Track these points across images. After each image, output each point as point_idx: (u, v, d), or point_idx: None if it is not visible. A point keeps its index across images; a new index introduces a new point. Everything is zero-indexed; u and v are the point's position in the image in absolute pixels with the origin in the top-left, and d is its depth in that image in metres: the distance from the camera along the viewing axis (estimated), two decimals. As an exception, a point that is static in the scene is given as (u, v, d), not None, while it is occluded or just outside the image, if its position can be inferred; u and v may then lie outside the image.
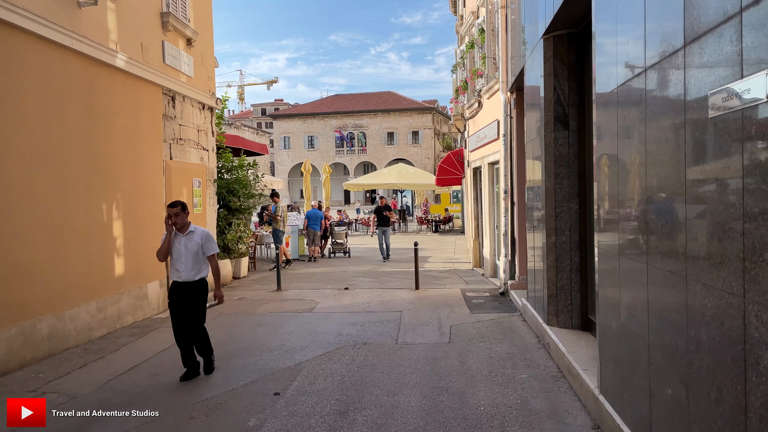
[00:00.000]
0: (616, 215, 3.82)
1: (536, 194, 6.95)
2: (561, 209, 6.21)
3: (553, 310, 6.27)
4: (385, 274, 13.04)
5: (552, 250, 6.25)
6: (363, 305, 9.27)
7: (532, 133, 7.19)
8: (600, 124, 4.16)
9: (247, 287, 11.56)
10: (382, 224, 15.70)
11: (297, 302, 9.69)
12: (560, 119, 6.18)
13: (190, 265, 5.67)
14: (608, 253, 4.00)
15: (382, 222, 15.73)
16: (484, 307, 8.90)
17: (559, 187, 6.21)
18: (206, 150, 11.21)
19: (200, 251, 5.72)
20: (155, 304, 8.92)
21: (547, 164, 6.26)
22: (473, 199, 13.89)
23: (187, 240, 5.68)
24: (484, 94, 11.49)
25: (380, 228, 15.76)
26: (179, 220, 5.61)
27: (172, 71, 9.68)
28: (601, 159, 4.15)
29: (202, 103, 11.02)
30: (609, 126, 3.91)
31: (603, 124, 4.10)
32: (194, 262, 5.69)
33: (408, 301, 9.49)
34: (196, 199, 10.56)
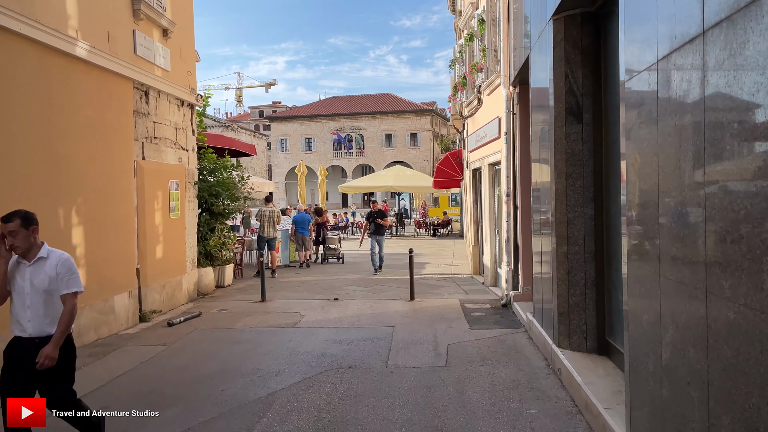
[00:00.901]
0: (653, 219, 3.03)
1: (544, 197, 6.16)
2: (573, 214, 5.42)
3: (564, 330, 5.47)
4: (379, 283, 12.24)
5: (563, 261, 5.46)
6: (352, 319, 8.47)
7: (538, 128, 6.41)
8: (633, 109, 3.37)
9: (230, 297, 10.76)
10: (376, 232, 13.84)
11: (281, 315, 8.88)
12: (573, 111, 5.39)
13: (41, 311, 3.61)
14: (643, 267, 3.20)
15: (375, 230, 13.88)
16: (485, 321, 8.10)
17: (571, 189, 5.42)
18: (185, 150, 10.42)
19: (55, 288, 3.66)
20: (123, 318, 8.11)
21: (557, 163, 5.48)
22: (472, 202, 13.11)
23: (35, 271, 3.64)
24: (484, 90, 10.71)
25: (373, 237, 13.83)
26: (20, 242, 3.59)
27: (145, 64, 8.89)
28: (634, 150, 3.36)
29: (180, 100, 10.23)
30: (645, 111, 3.12)
31: (636, 109, 3.30)
32: (46, 306, 3.63)
33: (402, 314, 8.69)
34: (173, 203, 9.76)
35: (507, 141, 8.99)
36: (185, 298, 10.16)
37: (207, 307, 9.76)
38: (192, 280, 10.56)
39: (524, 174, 8.60)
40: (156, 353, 6.81)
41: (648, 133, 3.07)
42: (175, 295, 9.75)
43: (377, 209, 14.03)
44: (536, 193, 6.73)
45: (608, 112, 5.19)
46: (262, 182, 17.37)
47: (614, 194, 5.06)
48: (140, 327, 8.27)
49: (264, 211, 14.01)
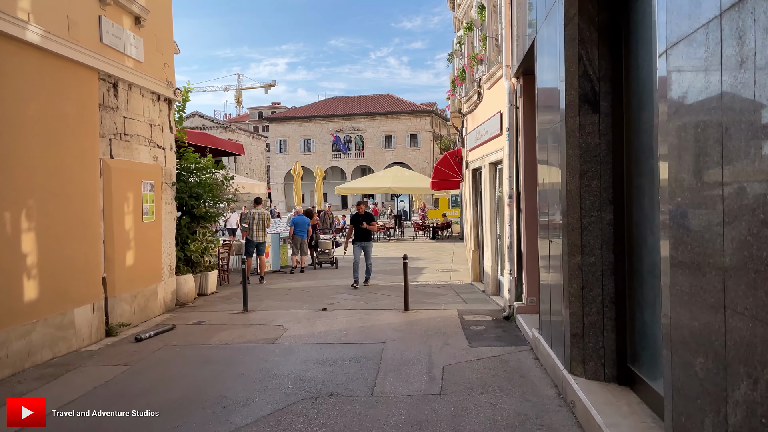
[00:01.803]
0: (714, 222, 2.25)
1: (552, 200, 5.38)
2: (589, 220, 4.63)
3: (578, 355, 4.68)
4: (372, 290, 11.46)
5: (576, 274, 4.67)
6: (339, 333, 7.68)
7: (546, 120, 5.63)
8: (679, 85, 2.58)
9: (211, 307, 9.97)
10: (361, 238, 11.89)
11: (262, 329, 8.10)
12: (588, 99, 4.61)
13: None
14: (695, 285, 2.42)
15: (360, 235, 11.92)
16: (486, 336, 7.31)
17: (586, 190, 4.63)
18: (161, 148, 9.64)
19: None
20: (85, 333, 7.33)
21: (569, 160, 4.69)
22: (472, 204, 12.33)
23: None
24: (485, 84, 9.94)
25: (358, 244, 11.87)
26: None
27: (113, 53, 8.12)
28: (683, 136, 2.58)
29: (156, 94, 9.46)
30: (700, 84, 2.33)
31: (684, 83, 2.52)
32: None
33: (394, 328, 7.90)
34: (146, 205, 8.98)
35: (509, 137, 8.21)
36: (161, 308, 9.37)
37: (184, 318, 8.98)
38: (169, 288, 9.78)
39: (529, 173, 7.83)
40: (113, 375, 6.02)
41: (705, 111, 2.28)
42: (148, 305, 8.97)
43: (364, 211, 12.14)
44: (543, 195, 5.94)
45: (630, 98, 4.41)
46: (252, 183, 16.60)
47: (638, 196, 4.28)
48: (105, 343, 7.49)
49: (253, 214, 13.23)
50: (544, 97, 5.79)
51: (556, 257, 5.16)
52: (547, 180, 5.68)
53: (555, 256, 5.25)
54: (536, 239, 7.38)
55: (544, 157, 5.82)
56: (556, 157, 5.12)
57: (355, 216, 12.25)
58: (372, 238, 12.30)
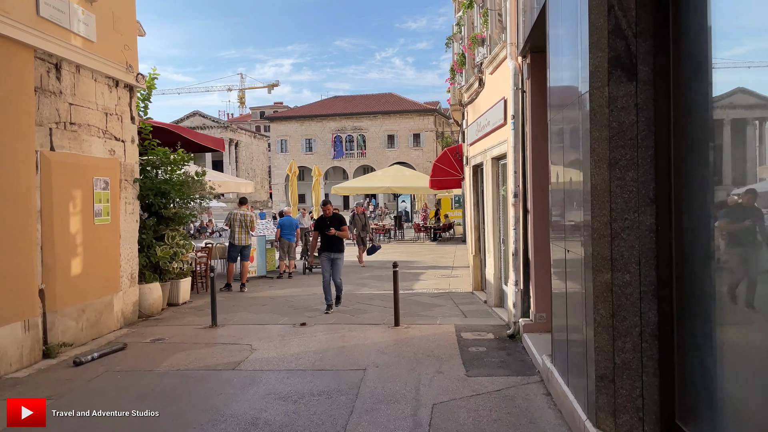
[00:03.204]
0: None
1: (570, 199, 4.22)
2: (622, 224, 3.47)
3: (606, 404, 3.51)
4: (362, 300, 10.30)
5: (605, 297, 3.51)
6: (314, 356, 6.53)
7: (561, 99, 4.46)
8: None
9: (178, 320, 8.85)
10: (328, 248, 9.18)
11: (226, 349, 6.96)
12: (621, 62, 3.45)
13: None
14: None
15: (327, 245, 9.19)
16: (487, 362, 6.14)
17: (618, 185, 3.47)
18: (120, 140, 8.52)
19: None
20: (13, 356, 6.20)
21: (595, 145, 3.53)
22: (473, 204, 11.16)
23: None
24: (486, 68, 8.77)
25: (325, 256, 9.19)
26: None
27: (55, 29, 6.99)
28: None
29: (113, 79, 8.34)
30: None
31: None
32: None
33: (380, 349, 6.75)
34: (99, 205, 7.86)
35: (515, 126, 7.05)
36: (118, 322, 8.25)
37: (142, 335, 7.86)
38: (130, 299, 8.65)
39: (538, 168, 6.67)
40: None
41: None
42: (102, 320, 7.84)
43: (332, 214, 9.33)
44: (558, 194, 4.78)
45: (681, 60, 3.24)
46: (238, 182, 15.48)
47: (693, 192, 3.11)
48: (38, 367, 6.36)
49: (234, 215, 12.11)
50: (558, 70, 4.62)
51: (576, 272, 4.00)
52: (562, 174, 4.51)
53: (574, 270, 4.09)
54: (547, 245, 6.23)
55: (558, 146, 4.66)
56: (575, 143, 3.96)
57: (320, 220, 9.35)
58: (344, 248, 9.32)
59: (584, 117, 3.66)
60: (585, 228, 3.67)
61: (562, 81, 4.47)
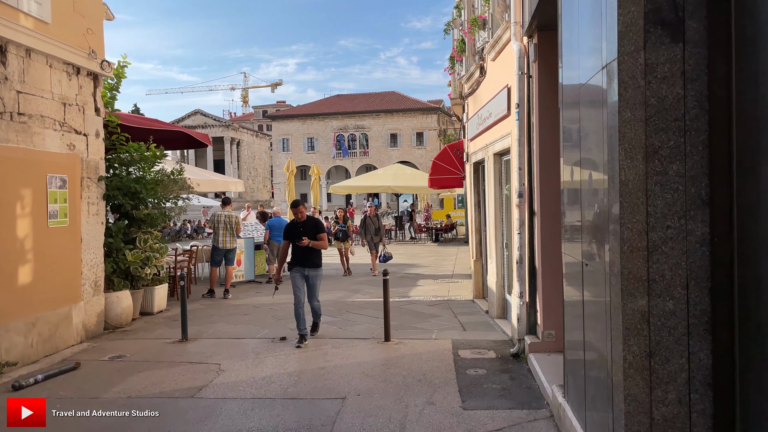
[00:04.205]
0: None
1: (590, 199, 3.36)
2: (663, 234, 2.61)
3: (641, 470, 2.65)
4: (353, 309, 9.46)
5: (638, 330, 2.65)
6: (288, 380, 5.69)
7: (578, 73, 3.59)
8: None
9: (148, 332, 8.03)
10: (301, 261, 7.16)
11: (191, 369, 6.13)
12: (662, 18, 2.59)
13: None
14: None
15: (300, 257, 7.17)
16: (487, 389, 5.28)
17: (658, 181, 2.61)
18: (81, 134, 7.69)
19: None
20: (-60, 380, 5.39)
21: (626, 128, 2.67)
22: (474, 204, 10.28)
23: None
24: (488, 54, 7.90)
25: (297, 272, 7.20)
26: None
27: None
28: None
29: (73, 66, 7.51)
30: None
31: None
32: None
33: (365, 371, 5.90)
34: (54, 206, 7.04)
35: (519, 117, 6.18)
36: (78, 336, 7.43)
37: (102, 350, 7.04)
38: (94, 309, 7.83)
39: (546, 164, 5.81)
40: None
41: None
42: (57, 334, 7.03)
43: (305, 216, 7.22)
44: (572, 193, 3.91)
45: (745, 14, 2.38)
46: (227, 181, 14.66)
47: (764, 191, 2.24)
48: (-29, 392, 5.55)
49: (218, 216, 11.28)
50: (573, 41, 3.75)
51: (597, 291, 3.15)
52: (578, 169, 3.65)
53: (594, 288, 3.23)
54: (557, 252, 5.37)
55: (573, 135, 3.79)
56: (596, 129, 3.10)
57: (291, 226, 7.27)
58: (321, 262, 7.35)
59: (610, 94, 2.80)
60: (611, 237, 2.81)
61: (578, 53, 3.60)
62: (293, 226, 7.29)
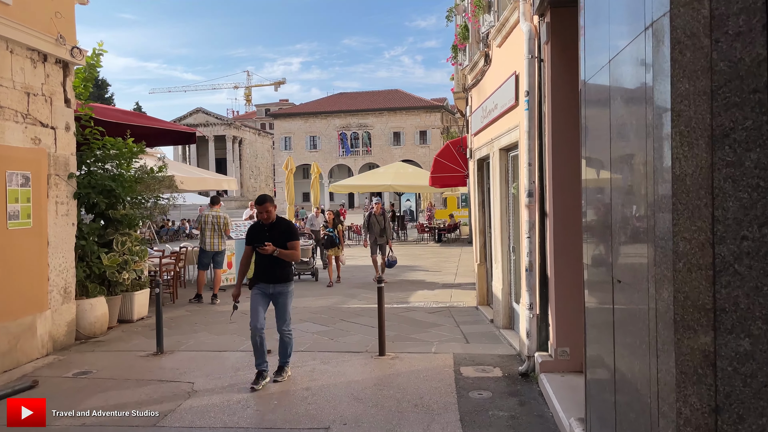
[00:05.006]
0: None
1: (624, 200, 2.67)
2: (736, 248, 1.92)
3: None
4: (347, 317, 8.78)
5: (700, 377, 1.96)
6: (266, 404, 5.02)
7: (608, 40, 2.89)
8: None
9: (123, 343, 7.38)
10: (266, 276, 5.65)
11: (160, 388, 5.46)
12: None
13: None
14: None
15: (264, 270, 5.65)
16: (492, 417, 4.59)
17: (729, 176, 1.93)
18: (49, 127, 7.04)
19: None
20: None
21: (681, 105, 1.98)
22: (478, 204, 9.59)
23: None
24: (494, 39, 7.21)
25: (257, 288, 5.69)
26: None
27: (-56, -18, 5.53)
28: None
29: (39, 52, 6.87)
30: None
31: None
32: None
33: (354, 393, 5.22)
34: (15, 206, 6.39)
35: (529, 106, 5.49)
36: (44, 348, 6.79)
37: (68, 365, 6.39)
38: (63, 318, 7.19)
39: (561, 158, 5.12)
40: None
41: None
42: (19, 347, 6.38)
43: (273, 218, 5.70)
44: (597, 193, 3.22)
45: None
46: (218, 179, 14.00)
47: None
48: None
49: (205, 216, 10.62)
50: (601, 4, 3.05)
51: (635, 322, 2.46)
52: (605, 162, 2.96)
53: (631, 317, 2.54)
54: (573, 259, 4.73)
55: (599, 119, 3.10)
56: (634, 109, 2.41)
57: (254, 229, 5.78)
58: (291, 277, 5.88)
59: (657, 61, 2.11)
60: (658, 251, 2.12)
61: (608, 19, 2.91)
62: (257, 229, 5.76)
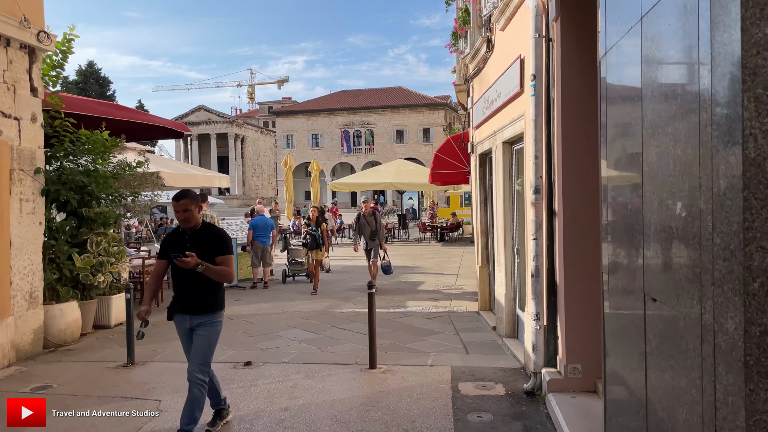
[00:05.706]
0: None
1: (665, 196, 2.07)
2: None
3: None
4: (339, 322, 8.20)
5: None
6: (236, 429, 4.44)
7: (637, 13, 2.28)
8: None
9: (91, 352, 6.83)
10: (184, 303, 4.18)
11: (123, 407, 4.89)
12: None
13: None
14: None
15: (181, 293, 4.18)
16: (493, 447, 4.00)
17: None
18: (12, 117, 6.48)
19: None
20: None
21: (755, 61, 1.38)
22: (480, 202, 8.98)
23: None
24: (497, 22, 6.60)
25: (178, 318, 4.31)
26: None
27: None
28: None
29: (1, 36, 6.30)
30: None
31: None
32: None
33: (337, 415, 4.64)
34: (-30, 204, 5.83)
35: (536, 92, 4.88)
36: (6, 358, 6.23)
37: (29, 378, 5.83)
38: (29, 325, 6.63)
39: (571, 150, 4.52)
40: None
41: None
42: (-26, 357, 5.83)
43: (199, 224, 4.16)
44: (621, 185, 2.62)
45: None
46: (210, 176, 13.43)
47: None
48: None
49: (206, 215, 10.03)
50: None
51: (680, 355, 1.86)
52: (632, 149, 2.36)
53: (674, 348, 1.94)
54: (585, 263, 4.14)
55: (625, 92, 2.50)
56: (676, 71, 1.81)
57: (172, 237, 4.32)
58: (221, 305, 4.34)
59: (714, 3, 1.51)
60: (720, 263, 1.52)
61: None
62: (175, 237, 4.24)
